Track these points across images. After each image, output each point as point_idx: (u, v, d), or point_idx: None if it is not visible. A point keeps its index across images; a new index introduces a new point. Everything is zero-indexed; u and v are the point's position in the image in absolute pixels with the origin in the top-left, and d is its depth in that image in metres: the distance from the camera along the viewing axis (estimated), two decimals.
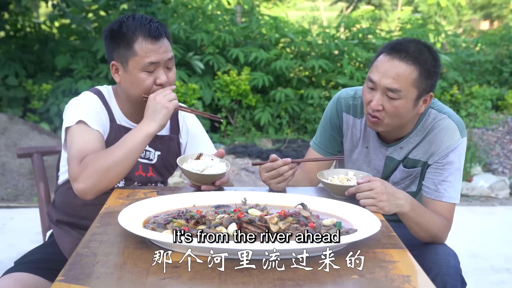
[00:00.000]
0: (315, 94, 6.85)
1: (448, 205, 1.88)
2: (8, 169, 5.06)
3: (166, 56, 1.86)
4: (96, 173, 1.69)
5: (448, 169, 1.88)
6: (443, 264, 1.75)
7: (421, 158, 1.94)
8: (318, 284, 1.15)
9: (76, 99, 1.93)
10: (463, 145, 1.90)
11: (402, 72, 1.78)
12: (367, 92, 1.85)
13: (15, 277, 1.75)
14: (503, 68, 7.82)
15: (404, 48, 1.80)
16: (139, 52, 1.83)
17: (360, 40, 7.49)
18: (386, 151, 1.98)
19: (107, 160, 1.71)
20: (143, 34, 1.83)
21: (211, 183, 1.83)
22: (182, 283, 1.13)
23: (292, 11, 14.31)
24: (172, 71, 1.91)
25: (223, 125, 6.75)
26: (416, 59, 1.79)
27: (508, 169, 6.08)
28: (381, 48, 1.88)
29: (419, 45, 1.83)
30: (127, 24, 1.84)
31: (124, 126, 1.95)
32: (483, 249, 3.89)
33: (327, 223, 1.43)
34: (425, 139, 1.93)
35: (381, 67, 1.81)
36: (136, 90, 1.87)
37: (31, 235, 3.79)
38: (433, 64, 1.82)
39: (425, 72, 1.80)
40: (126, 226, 1.33)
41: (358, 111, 2.02)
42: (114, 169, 1.71)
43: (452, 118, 1.91)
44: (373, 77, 1.82)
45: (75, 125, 1.83)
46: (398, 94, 1.79)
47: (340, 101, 2.06)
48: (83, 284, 1.12)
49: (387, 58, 1.81)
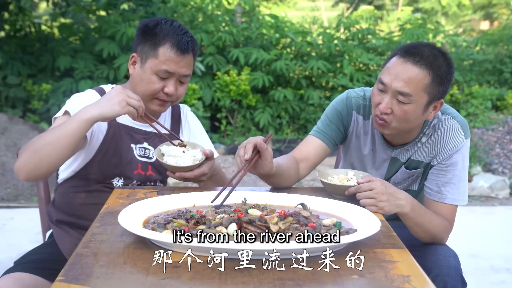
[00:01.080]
0: (315, 95, 6.85)
1: (450, 207, 1.87)
2: (8, 169, 5.06)
3: (184, 71, 1.88)
4: (28, 151, 1.66)
5: (451, 171, 1.87)
6: (443, 265, 1.75)
7: (424, 159, 1.94)
8: (318, 284, 1.15)
9: (76, 95, 1.95)
10: (467, 146, 1.89)
11: (415, 76, 1.75)
12: (377, 94, 1.82)
13: (15, 277, 1.75)
14: (503, 67, 7.82)
15: (418, 52, 1.76)
16: (160, 57, 1.85)
17: (360, 41, 7.49)
18: (391, 153, 1.98)
19: (39, 139, 1.66)
20: (172, 42, 1.84)
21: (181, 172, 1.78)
22: (182, 283, 1.13)
23: (292, 11, 14.31)
24: (184, 86, 1.92)
25: (223, 125, 6.76)
26: (429, 64, 1.75)
27: (508, 169, 6.08)
28: (395, 50, 1.84)
29: (434, 50, 1.79)
30: (162, 27, 1.87)
31: (124, 124, 1.96)
32: (483, 249, 3.89)
33: (327, 223, 1.43)
34: (429, 140, 1.91)
35: (393, 69, 1.78)
36: (143, 88, 1.88)
37: (31, 235, 3.79)
38: (447, 70, 1.78)
39: (438, 78, 1.76)
40: (126, 226, 1.33)
41: (367, 113, 2.01)
42: (44, 150, 1.64)
43: (457, 119, 1.90)
44: (384, 79, 1.79)
45: (59, 116, 1.85)
46: (409, 99, 1.76)
47: (350, 100, 2.02)
48: (83, 284, 1.12)
49: (400, 61, 1.77)
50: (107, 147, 1.92)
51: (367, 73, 7.13)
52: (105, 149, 1.92)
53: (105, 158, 1.92)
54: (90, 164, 1.91)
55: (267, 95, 7.01)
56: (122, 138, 1.95)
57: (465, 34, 12.40)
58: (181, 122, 2.09)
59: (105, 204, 1.64)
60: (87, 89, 2.00)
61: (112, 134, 1.92)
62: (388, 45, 7.48)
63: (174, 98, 1.91)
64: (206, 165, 1.82)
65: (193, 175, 1.79)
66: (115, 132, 1.93)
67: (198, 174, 1.80)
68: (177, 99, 1.93)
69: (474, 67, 7.89)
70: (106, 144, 1.92)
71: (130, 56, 1.94)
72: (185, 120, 2.11)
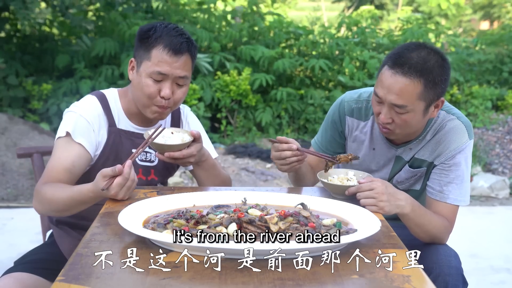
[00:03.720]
0: (316, 94, 6.85)
1: (451, 207, 1.87)
2: (8, 169, 5.06)
3: (178, 73, 1.84)
4: (45, 205, 1.79)
5: (454, 171, 1.87)
6: (444, 265, 1.75)
7: (427, 158, 1.94)
8: (318, 284, 1.15)
9: (74, 106, 1.92)
10: (470, 147, 1.89)
11: (406, 87, 1.73)
12: (376, 105, 1.83)
13: (15, 277, 1.75)
14: (503, 67, 7.82)
15: (406, 61, 1.73)
16: (153, 59, 1.82)
17: (360, 40, 7.49)
18: (395, 152, 1.98)
19: (58, 201, 1.74)
20: (165, 43, 1.82)
21: (170, 152, 1.80)
22: (182, 283, 1.13)
23: (293, 11, 14.30)
24: (182, 90, 1.88)
25: (223, 125, 6.76)
26: (419, 72, 1.72)
27: (508, 169, 6.08)
28: (385, 58, 1.82)
29: (423, 53, 1.75)
30: (156, 29, 1.84)
31: (124, 130, 1.95)
32: (483, 249, 3.89)
33: (327, 223, 1.43)
34: (433, 139, 1.92)
35: (385, 81, 1.76)
36: (140, 92, 1.86)
37: (31, 235, 3.79)
38: (439, 72, 1.75)
39: (431, 82, 1.74)
40: (126, 226, 1.33)
41: (363, 114, 2.01)
42: (62, 210, 1.78)
43: (461, 119, 1.90)
44: (378, 92, 1.79)
45: (60, 138, 1.86)
46: (405, 109, 1.75)
47: (343, 105, 2.04)
48: (83, 284, 1.12)
49: (390, 72, 1.75)
50: (107, 154, 1.91)
51: (367, 72, 7.14)
52: (105, 156, 1.91)
53: (105, 165, 1.90)
54: (90, 171, 1.90)
55: (267, 94, 7.01)
56: (122, 144, 1.94)
57: (465, 34, 12.41)
58: (181, 123, 2.09)
59: (105, 204, 1.64)
60: (86, 96, 1.97)
61: (112, 141, 1.92)
62: (388, 45, 7.48)
63: (172, 103, 1.87)
64: (194, 146, 1.83)
65: (181, 154, 1.79)
66: (115, 138, 1.92)
67: (186, 154, 1.80)
68: (175, 104, 1.89)
69: (474, 67, 7.89)
70: (107, 151, 1.91)
71: (129, 61, 1.93)
72: (185, 120, 2.10)
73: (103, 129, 1.91)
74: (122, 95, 1.98)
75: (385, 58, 1.82)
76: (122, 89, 2.00)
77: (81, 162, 1.85)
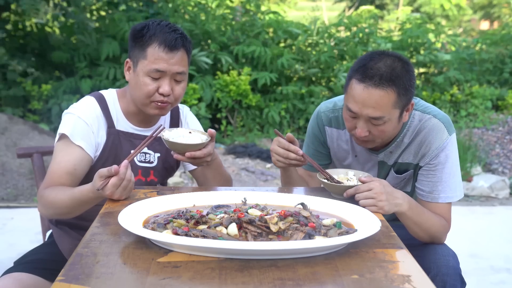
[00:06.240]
0: (317, 91, 6.86)
1: (444, 206, 1.88)
2: (8, 169, 5.06)
3: (176, 69, 1.84)
4: (48, 208, 1.81)
5: (440, 170, 1.87)
6: (442, 264, 1.75)
7: (412, 161, 1.94)
8: (318, 284, 1.15)
9: (73, 107, 1.91)
10: (452, 142, 1.88)
11: (381, 99, 1.72)
12: (349, 120, 1.81)
13: (15, 277, 1.75)
14: (504, 67, 7.82)
15: (375, 72, 1.71)
16: (149, 57, 1.83)
17: (360, 39, 7.49)
18: (377, 157, 1.98)
19: (60, 203, 1.75)
20: (159, 40, 1.82)
21: (187, 152, 1.79)
22: (182, 283, 1.13)
23: (292, 11, 14.29)
24: (181, 85, 1.89)
25: (223, 125, 6.75)
26: (391, 81, 1.71)
27: (508, 169, 6.08)
28: (350, 71, 1.78)
29: (388, 61, 1.73)
30: (149, 28, 1.85)
31: (123, 131, 1.95)
32: (483, 249, 3.89)
33: (327, 223, 1.43)
34: (413, 141, 1.91)
35: (358, 97, 1.74)
36: (139, 92, 1.86)
37: (31, 235, 3.79)
38: (408, 78, 1.74)
39: (403, 89, 1.73)
40: (126, 226, 1.33)
41: (340, 122, 2.00)
42: (65, 213, 1.79)
43: (438, 117, 1.89)
44: (352, 108, 1.76)
45: (60, 141, 1.86)
46: (382, 120, 1.75)
47: (320, 116, 2.04)
48: (83, 284, 1.12)
49: (361, 86, 1.73)
50: (106, 155, 1.91)
51: None
52: (104, 158, 1.91)
53: (104, 166, 1.88)
54: (89, 172, 1.89)
55: (268, 94, 7.00)
56: (121, 145, 1.94)
57: (465, 34, 12.42)
58: (180, 123, 2.09)
59: (105, 204, 1.64)
60: (84, 97, 1.97)
61: (111, 142, 1.92)
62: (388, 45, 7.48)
63: (173, 99, 1.88)
64: (210, 145, 1.83)
65: (202, 153, 1.79)
66: (114, 139, 1.92)
67: (206, 152, 1.80)
68: (175, 100, 1.89)
69: (474, 67, 7.89)
70: (106, 152, 1.91)
71: (125, 62, 1.93)
72: (185, 121, 2.10)
73: (102, 131, 1.91)
74: (121, 96, 1.97)
75: (350, 72, 1.79)
76: (121, 89, 2.00)
77: (83, 165, 1.86)
